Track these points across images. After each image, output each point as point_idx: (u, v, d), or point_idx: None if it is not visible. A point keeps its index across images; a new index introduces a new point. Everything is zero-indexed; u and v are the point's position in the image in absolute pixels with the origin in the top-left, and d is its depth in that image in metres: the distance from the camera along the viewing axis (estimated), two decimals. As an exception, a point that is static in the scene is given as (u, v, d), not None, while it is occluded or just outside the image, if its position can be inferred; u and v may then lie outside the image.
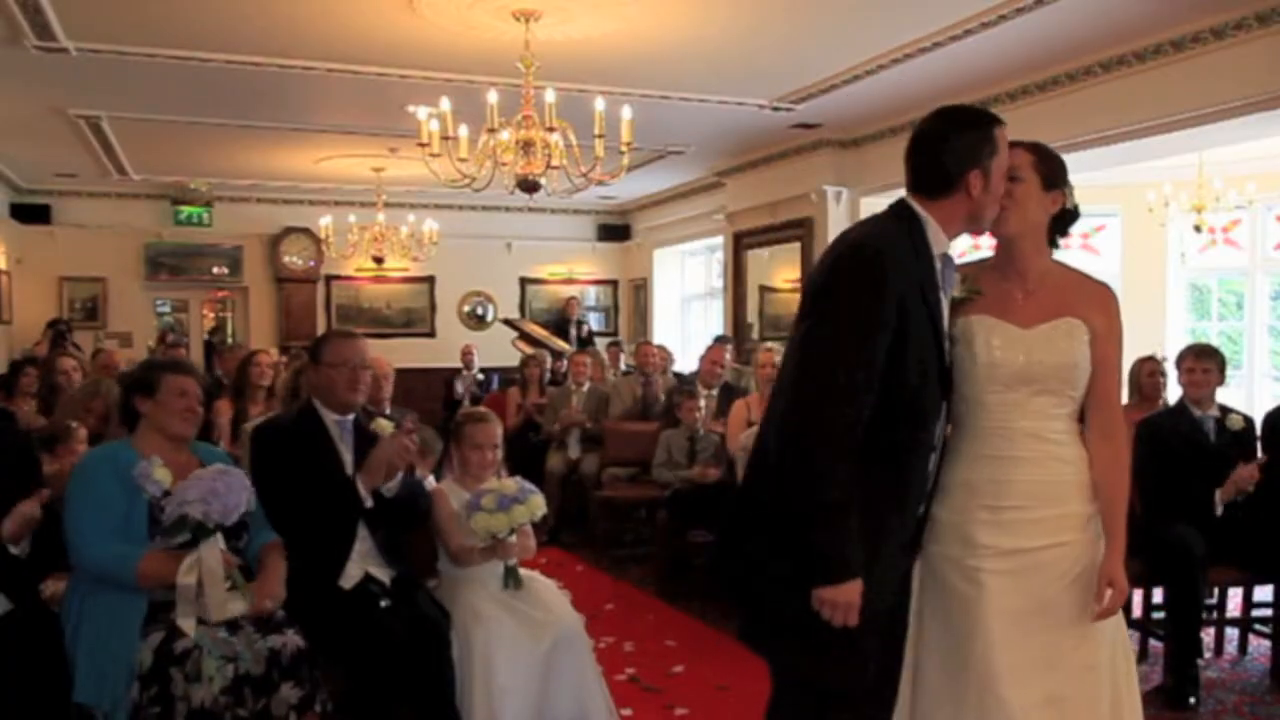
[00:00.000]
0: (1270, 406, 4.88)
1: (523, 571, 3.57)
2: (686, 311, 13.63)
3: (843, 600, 2.10)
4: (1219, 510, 4.35)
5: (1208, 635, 4.72)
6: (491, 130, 5.62)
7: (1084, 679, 2.33)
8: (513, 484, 3.52)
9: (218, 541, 2.91)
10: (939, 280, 2.28)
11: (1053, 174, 2.43)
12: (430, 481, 3.80)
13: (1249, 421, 4.62)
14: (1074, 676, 2.32)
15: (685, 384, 7.28)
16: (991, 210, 2.34)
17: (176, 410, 3.12)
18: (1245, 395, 9.05)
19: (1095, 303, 2.44)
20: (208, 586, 2.84)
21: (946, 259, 2.32)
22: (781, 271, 9.87)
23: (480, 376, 11.11)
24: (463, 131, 5.64)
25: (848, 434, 2.11)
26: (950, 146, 2.29)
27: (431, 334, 13.23)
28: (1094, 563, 2.36)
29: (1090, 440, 2.43)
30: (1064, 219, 2.49)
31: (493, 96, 5.53)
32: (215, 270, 12.61)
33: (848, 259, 2.22)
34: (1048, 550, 2.33)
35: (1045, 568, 2.32)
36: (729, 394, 6.75)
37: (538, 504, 3.51)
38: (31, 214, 11.64)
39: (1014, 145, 2.42)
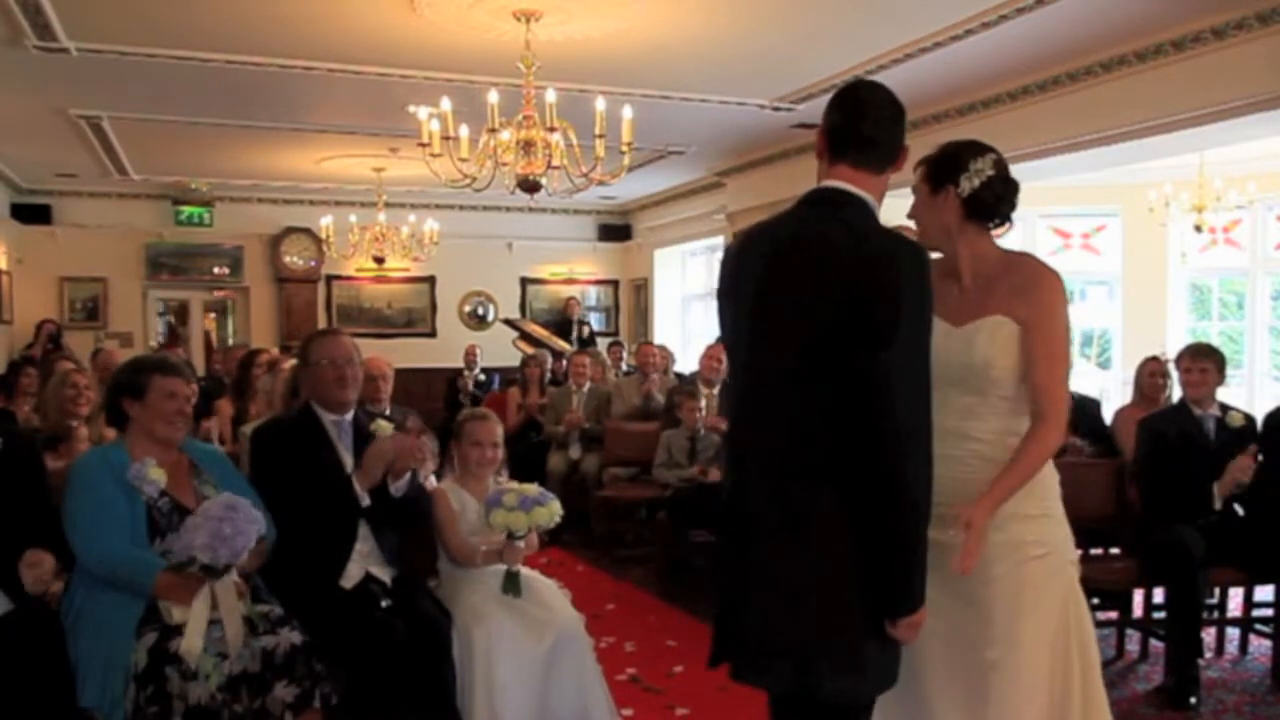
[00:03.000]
0: (1271, 406, 4.88)
1: (524, 571, 3.58)
2: (687, 311, 13.63)
3: (920, 622, 2.06)
4: (1218, 504, 4.35)
5: (1208, 635, 4.72)
6: (492, 130, 5.62)
7: (987, 678, 2.32)
8: (534, 487, 3.57)
9: (231, 575, 2.88)
10: None
11: (938, 174, 2.41)
12: (431, 482, 3.80)
13: (1249, 419, 4.62)
14: (983, 674, 2.32)
15: (686, 384, 7.29)
16: None
17: (165, 413, 3.09)
18: (1246, 395, 9.05)
19: (1021, 292, 2.38)
20: (226, 621, 2.82)
21: None
22: (782, 271, 9.85)
23: (481, 376, 11.12)
24: (463, 131, 5.63)
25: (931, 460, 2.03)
26: (900, 123, 2.20)
27: (432, 334, 13.23)
28: (1017, 568, 2.33)
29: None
30: (978, 201, 2.40)
31: (493, 96, 5.53)
32: (216, 270, 12.61)
33: (907, 270, 2.02)
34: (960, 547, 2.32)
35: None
36: (729, 392, 6.75)
37: (556, 509, 3.55)
38: (32, 214, 11.64)
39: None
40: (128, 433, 3.14)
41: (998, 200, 2.42)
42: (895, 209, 2.40)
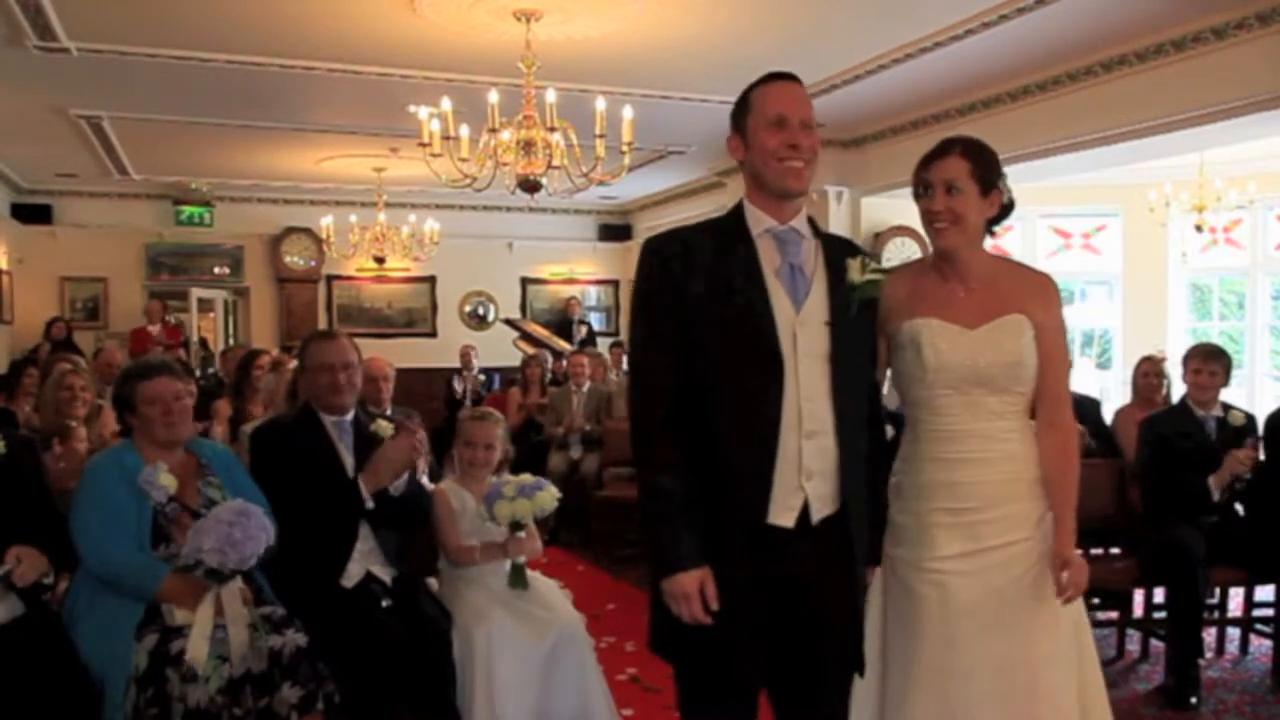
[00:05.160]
0: (1271, 406, 4.88)
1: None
2: (687, 312, 13.60)
3: (677, 591, 2.17)
4: (1215, 496, 4.35)
5: (1209, 635, 4.71)
6: (493, 130, 5.62)
7: (1044, 673, 2.33)
8: (528, 477, 3.60)
9: (236, 581, 2.88)
10: (759, 254, 2.25)
11: (989, 176, 2.39)
12: (426, 482, 3.80)
13: (1250, 418, 4.61)
14: (1033, 671, 2.33)
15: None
16: (770, 169, 2.28)
17: (156, 418, 3.10)
18: (1246, 395, 9.05)
19: (1035, 295, 2.43)
20: (231, 628, 2.82)
21: (781, 233, 2.28)
22: (782, 271, 9.85)
23: (482, 377, 11.11)
24: (464, 131, 5.64)
25: (668, 424, 2.17)
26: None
27: (433, 334, 13.23)
28: (1043, 560, 2.37)
29: (1038, 433, 2.44)
30: (1001, 214, 2.45)
31: (494, 96, 5.53)
32: (216, 270, 12.60)
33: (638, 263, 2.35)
34: (1003, 549, 2.35)
35: (1002, 565, 2.34)
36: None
37: (554, 491, 3.59)
38: (32, 214, 11.64)
39: (948, 151, 2.38)
40: (136, 438, 3.15)
41: (1008, 215, 2.47)
42: (887, 208, 2.39)
